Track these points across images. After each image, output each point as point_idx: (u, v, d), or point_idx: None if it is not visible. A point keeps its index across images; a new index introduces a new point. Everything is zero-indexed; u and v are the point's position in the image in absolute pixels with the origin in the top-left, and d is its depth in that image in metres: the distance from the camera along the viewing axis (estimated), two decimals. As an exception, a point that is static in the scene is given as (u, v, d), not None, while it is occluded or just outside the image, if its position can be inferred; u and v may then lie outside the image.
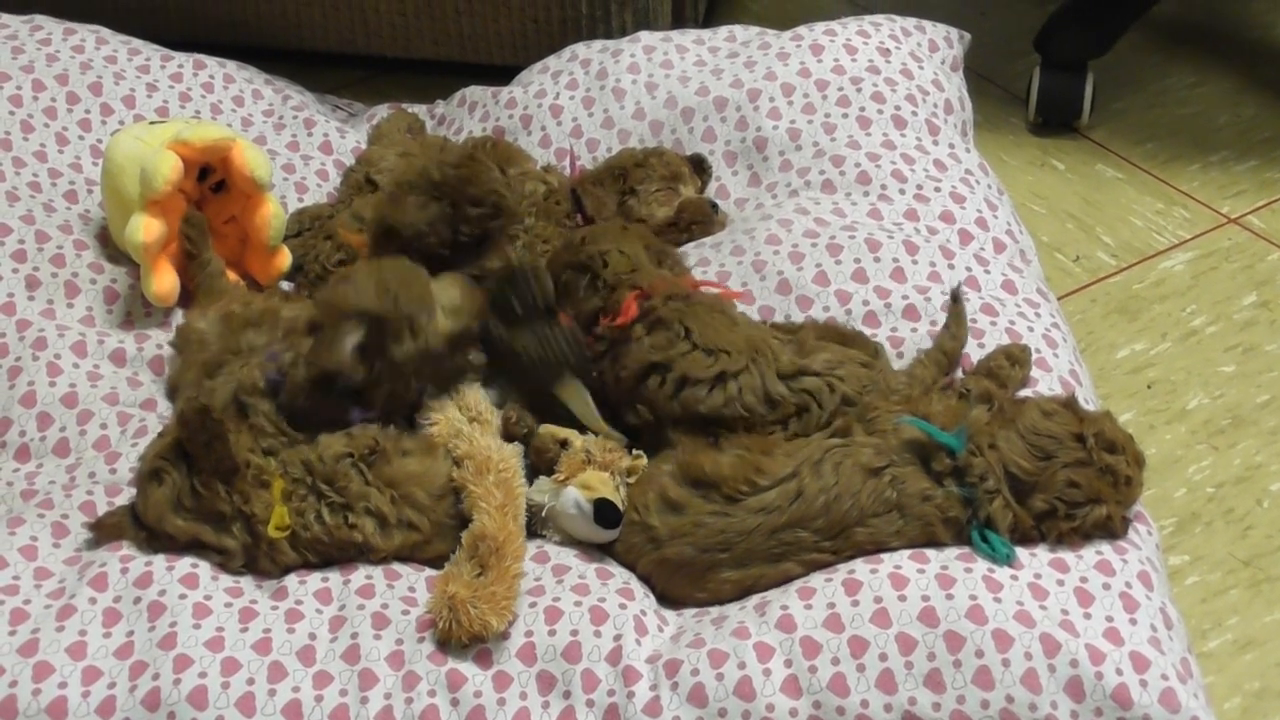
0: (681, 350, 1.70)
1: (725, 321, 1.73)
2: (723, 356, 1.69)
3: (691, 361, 1.69)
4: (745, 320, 1.78)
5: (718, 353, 1.69)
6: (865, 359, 1.73)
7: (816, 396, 1.69)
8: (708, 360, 1.69)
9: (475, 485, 1.61)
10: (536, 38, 2.61)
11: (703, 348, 1.70)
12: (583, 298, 1.77)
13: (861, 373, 1.71)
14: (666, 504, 1.62)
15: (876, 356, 1.76)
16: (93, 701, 1.47)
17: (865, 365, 1.72)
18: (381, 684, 1.49)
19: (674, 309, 1.73)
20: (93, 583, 1.54)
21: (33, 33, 2.26)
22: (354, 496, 1.60)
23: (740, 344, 1.70)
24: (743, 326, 1.75)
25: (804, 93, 2.16)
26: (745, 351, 1.70)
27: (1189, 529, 2.06)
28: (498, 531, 1.56)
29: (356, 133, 2.34)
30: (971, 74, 2.40)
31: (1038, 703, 1.46)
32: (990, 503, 1.57)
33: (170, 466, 1.58)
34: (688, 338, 1.71)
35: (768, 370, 1.69)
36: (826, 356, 1.71)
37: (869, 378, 1.71)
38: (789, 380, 1.69)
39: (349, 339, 1.62)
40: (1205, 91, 2.86)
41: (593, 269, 1.77)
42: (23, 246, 1.96)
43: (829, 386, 1.69)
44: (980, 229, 1.99)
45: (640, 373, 1.71)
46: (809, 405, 1.69)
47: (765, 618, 1.52)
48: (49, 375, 1.83)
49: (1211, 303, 2.41)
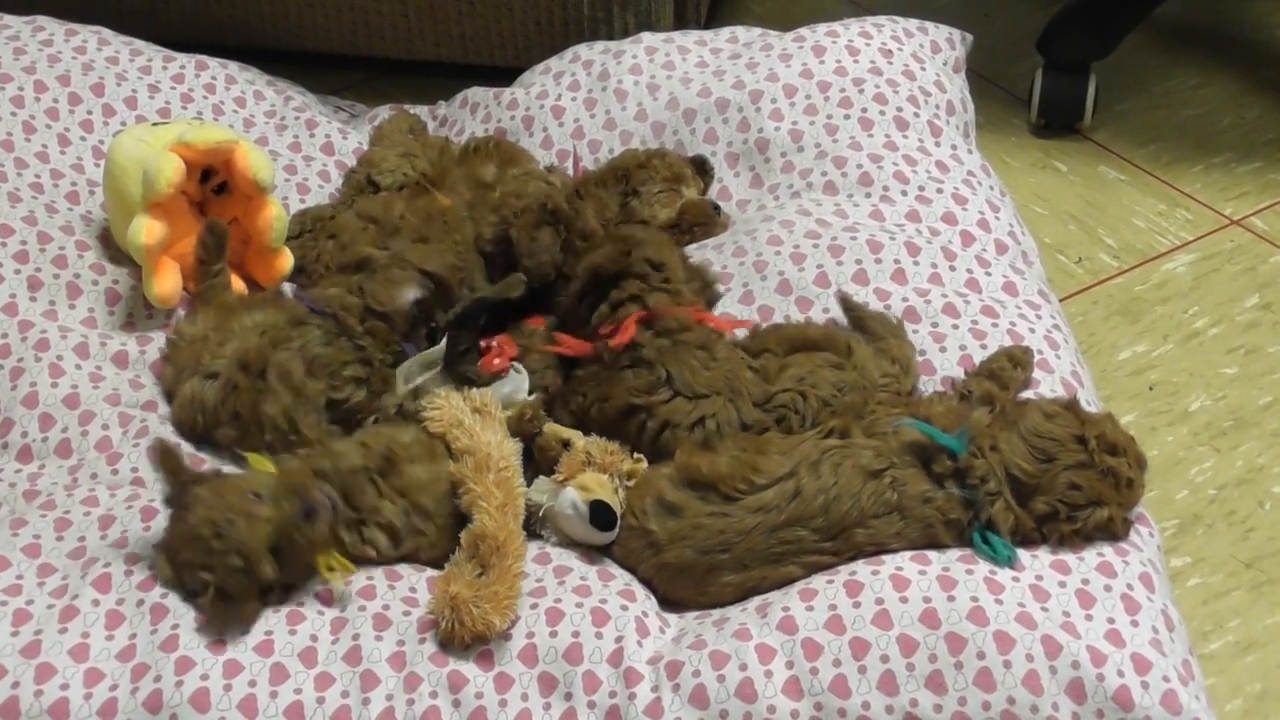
0: (663, 398, 1.71)
1: (705, 359, 1.73)
2: (702, 403, 1.70)
3: (673, 409, 1.70)
4: (725, 353, 1.76)
5: (697, 399, 1.70)
6: (835, 360, 1.74)
7: (792, 407, 1.71)
8: (688, 406, 1.70)
9: (475, 483, 1.60)
10: (539, 39, 2.61)
11: (684, 394, 1.70)
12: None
13: (833, 376, 1.73)
14: (664, 507, 1.62)
15: (850, 354, 1.76)
16: (95, 703, 1.47)
17: (836, 366, 1.73)
18: (383, 685, 1.49)
19: (658, 348, 1.73)
20: (96, 584, 1.54)
21: (35, 33, 2.26)
22: (369, 510, 1.60)
23: (719, 384, 1.71)
24: (721, 362, 1.74)
25: (806, 94, 2.16)
26: (724, 393, 1.71)
27: (1191, 531, 2.06)
28: (498, 531, 1.56)
29: (358, 134, 2.34)
30: (974, 75, 2.40)
31: (1039, 704, 1.46)
32: (992, 505, 1.57)
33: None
34: (669, 384, 1.71)
35: (744, 405, 1.71)
36: (793, 372, 1.73)
37: (841, 378, 1.72)
38: (762, 405, 1.72)
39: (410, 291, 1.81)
40: (1208, 93, 2.85)
41: (641, 276, 1.78)
42: (25, 247, 1.96)
43: (802, 396, 1.71)
44: (982, 230, 1.99)
45: (622, 412, 1.71)
46: (786, 416, 1.71)
47: (767, 619, 1.52)
48: (51, 376, 1.83)
49: (1214, 304, 2.41)
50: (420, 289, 1.84)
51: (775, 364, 1.74)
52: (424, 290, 1.85)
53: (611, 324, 1.75)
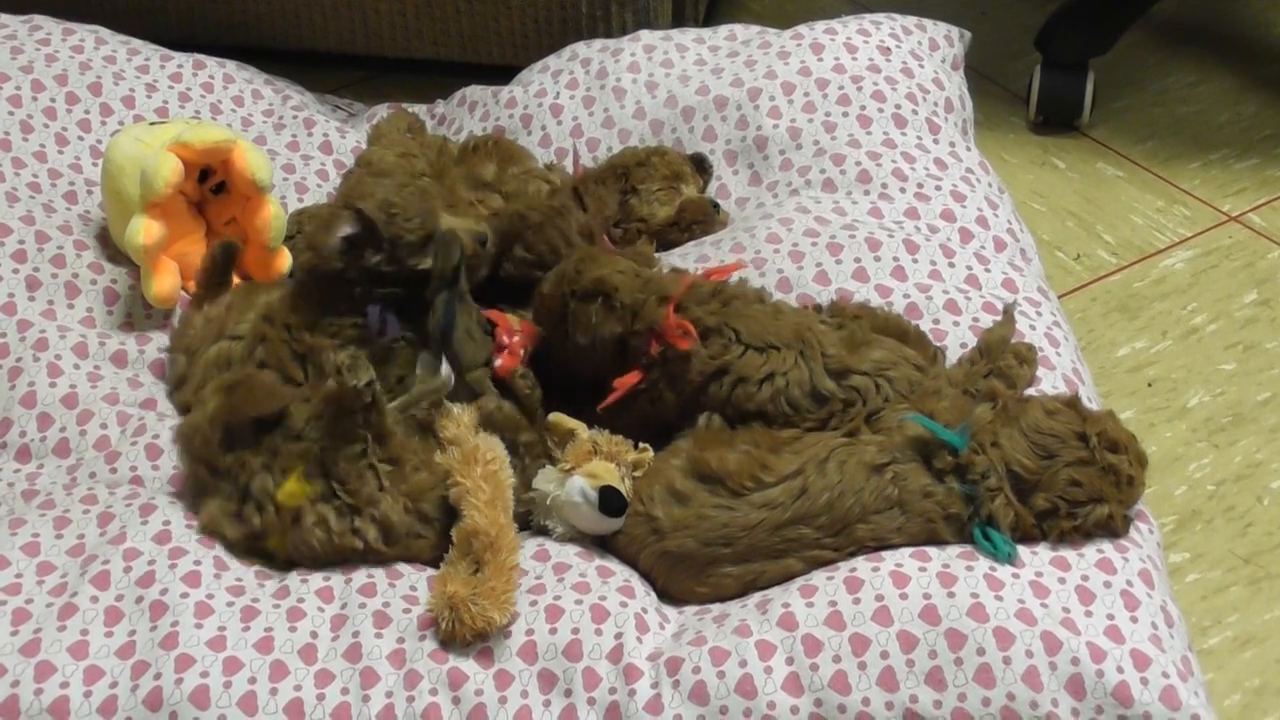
0: (736, 354, 1.69)
1: (769, 311, 1.72)
2: (772, 354, 1.68)
3: (746, 363, 1.68)
4: (787, 307, 1.76)
5: (767, 350, 1.68)
6: (920, 361, 1.72)
7: (863, 394, 1.68)
8: (760, 359, 1.68)
9: (463, 478, 1.60)
10: (537, 37, 2.61)
11: (753, 346, 1.69)
12: (599, 323, 1.71)
13: (913, 375, 1.69)
14: (672, 495, 1.62)
15: (934, 361, 1.74)
16: (94, 701, 1.47)
17: (919, 368, 1.71)
18: (383, 682, 1.49)
19: (714, 312, 1.71)
20: (95, 581, 1.54)
21: (31, 33, 2.26)
22: (364, 501, 1.60)
23: (787, 335, 1.69)
24: (786, 314, 1.73)
25: (804, 91, 2.16)
26: (793, 344, 1.69)
27: (1189, 526, 2.06)
28: (489, 526, 1.56)
29: (356, 133, 2.34)
30: (972, 73, 2.40)
31: (1039, 700, 1.46)
32: (992, 500, 1.57)
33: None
34: (739, 340, 1.69)
35: (815, 365, 1.68)
36: (878, 355, 1.70)
37: (919, 381, 1.69)
38: (838, 378, 1.68)
39: (339, 230, 1.68)
40: (1206, 90, 2.86)
41: (605, 292, 1.72)
42: (23, 247, 1.96)
43: (876, 386, 1.68)
44: (981, 227, 1.99)
45: (703, 384, 1.70)
46: (855, 401, 1.68)
47: (767, 615, 1.52)
48: (49, 376, 1.83)
49: (1212, 301, 2.41)
50: (351, 225, 1.69)
51: (864, 334, 1.70)
52: (355, 227, 1.70)
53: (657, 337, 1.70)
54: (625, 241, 2.06)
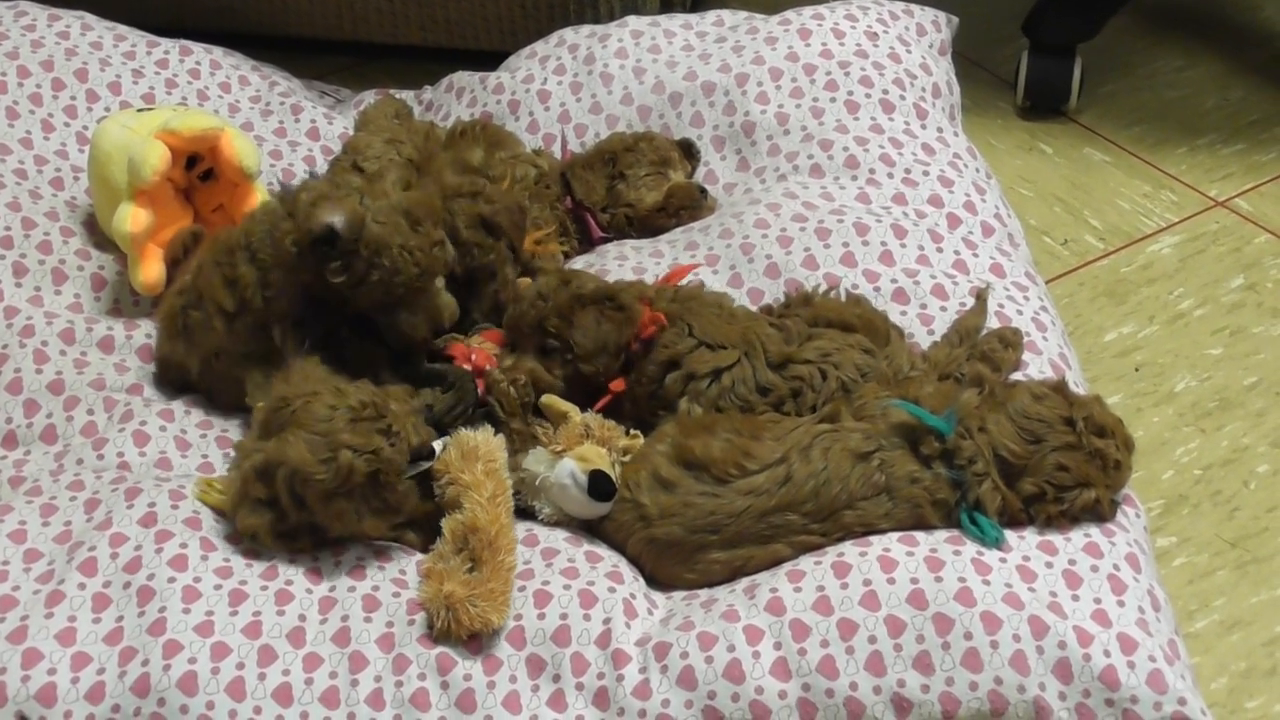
0: (689, 346, 1.71)
1: (723, 315, 1.75)
2: (721, 352, 1.70)
3: (696, 358, 1.71)
4: (742, 312, 1.78)
5: (716, 348, 1.71)
6: (867, 345, 1.73)
7: (809, 382, 1.70)
8: (710, 355, 1.71)
9: (463, 472, 1.59)
10: (524, 23, 2.61)
11: (705, 343, 1.71)
12: (605, 331, 1.71)
13: (859, 359, 1.71)
14: (658, 482, 1.62)
15: (888, 342, 1.75)
16: (82, 688, 1.47)
17: (867, 351, 1.72)
18: (371, 666, 1.49)
19: (675, 306, 1.74)
20: (82, 568, 1.54)
21: (17, 18, 2.25)
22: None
23: (735, 338, 1.72)
24: (739, 319, 1.75)
25: (792, 77, 2.16)
26: (739, 345, 1.71)
27: (1176, 511, 2.07)
28: (490, 524, 1.55)
29: (344, 119, 2.33)
30: (960, 58, 2.40)
31: (1026, 684, 1.46)
32: (979, 485, 1.57)
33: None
34: (691, 334, 1.72)
35: (758, 363, 1.70)
36: (820, 345, 1.72)
37: (868, 364, 1.70)
38: (779, 369, 1.71)
39: (329, 216, 1.67)
40: (1193, 75, 2.86)
41: (608, 296, 1.73)
42: (9, 233, 1.95)
43: (821, 373, 1.70)
44: (968, 213, 1.99)
45: (660, 372, 1.72)
46: (802, 390, 1.70)
47: (754, 600, 1.53)
48: (36, 362, 1.82)
49: (1199, 286, 2.42)
50: (341, 221, 1.67)
51: (802, 329, 1.73)
52: (342, 228, 1.67)
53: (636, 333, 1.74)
54: (613, 227, 2.06)
